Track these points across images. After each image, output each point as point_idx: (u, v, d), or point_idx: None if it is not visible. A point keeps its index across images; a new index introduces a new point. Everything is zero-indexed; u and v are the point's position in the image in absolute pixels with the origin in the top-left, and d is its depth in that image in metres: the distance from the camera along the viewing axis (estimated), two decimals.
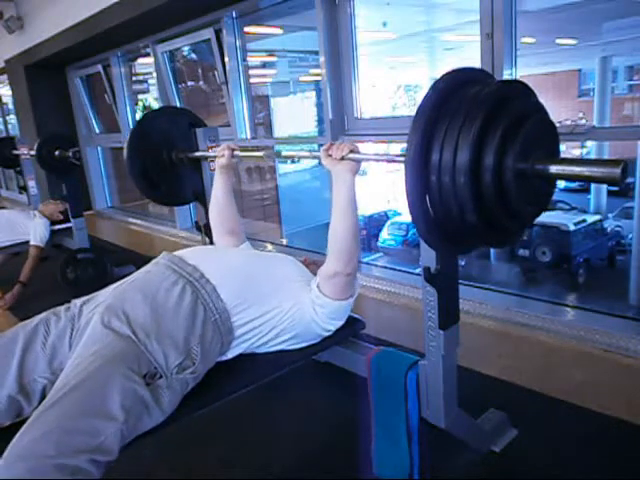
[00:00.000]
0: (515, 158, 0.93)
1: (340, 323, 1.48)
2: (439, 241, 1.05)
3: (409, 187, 0.96)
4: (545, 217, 6.87)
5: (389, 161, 1.32)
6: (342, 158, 1.34)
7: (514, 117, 0.95)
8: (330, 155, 1.36)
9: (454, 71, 1.01)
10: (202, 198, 2.25)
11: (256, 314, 1.38)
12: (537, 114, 1.02)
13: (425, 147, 0.95)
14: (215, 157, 1.86)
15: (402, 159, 0.96)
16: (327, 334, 1.48)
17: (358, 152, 1.35)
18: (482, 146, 0.93)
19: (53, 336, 1.27)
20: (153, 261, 1.46)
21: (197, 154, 2.12)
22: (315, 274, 1.54)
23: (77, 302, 1.37)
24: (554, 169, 0.95)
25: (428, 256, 1.24)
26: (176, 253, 1.49)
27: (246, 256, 1.56)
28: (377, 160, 1.40)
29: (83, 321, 1.29)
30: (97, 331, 1.21)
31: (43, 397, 1.18)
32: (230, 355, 1.41)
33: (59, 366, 1.23)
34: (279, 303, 1.40)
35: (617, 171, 0.87)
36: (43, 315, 1.33)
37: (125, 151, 2.11)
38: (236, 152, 1.81)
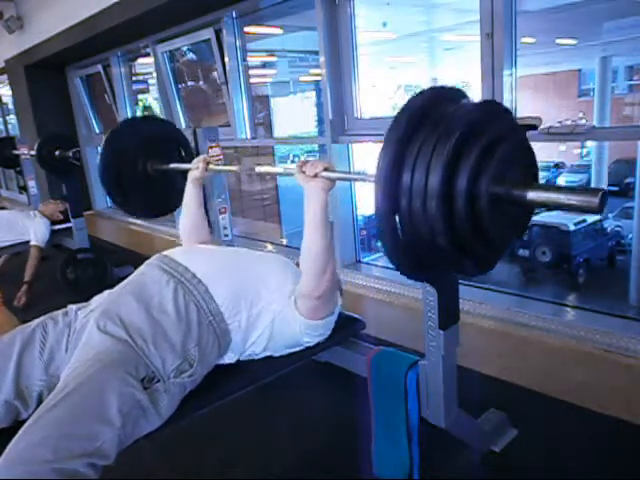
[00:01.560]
0: (490, 183, 0.89)
1: (320, 339, 1.46)
2: (408, 266, 0.99)
3: (378, 208, 0.91)
4: (545, 217, 6.88)
5: (361, 180, 1.31)
6: (315, 175, 1.31)
7: (490, 139, 0.90)
8: (304, 172, 1.34)
9: (430, 89, 0.97)
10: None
11: (248, 317, 1.37)
12: (514, 136, 0.97)
13: (396, 167, 0.90)
14: (198, 168, 1.82)
15: (373, 179, 0.92)
16: (309, 345, 1.46)
17: (333, 170, 1.33)
18: (455, 169, 0.88)
19: (50, 341, 1.26)
20: (146, 262, 1.45)
21: (172, 166, 2.07)
22: None
23: (73, 307, 1.37)
24: (531, 195, 0.90)
25: None
26: (167, 252, 1.47)
27: (238, 257, 1.54)
28: (349, 179, 1.37)
29: (78, 325, 1.28)
30: (94, 336, 1.21)
31: (40, 402, 1.17)
32: (228, 360, 1.40)
33: (56, 371, 1.22)
34: (268, 308, 1.38)
35: (595, 200, 0.82)
36: (40, 319, 1.33)
37: (99, 156, 2.06)
38: (210, 166, 1.81)
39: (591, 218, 7.52)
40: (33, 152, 3.57)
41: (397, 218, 0.93)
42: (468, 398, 1.45)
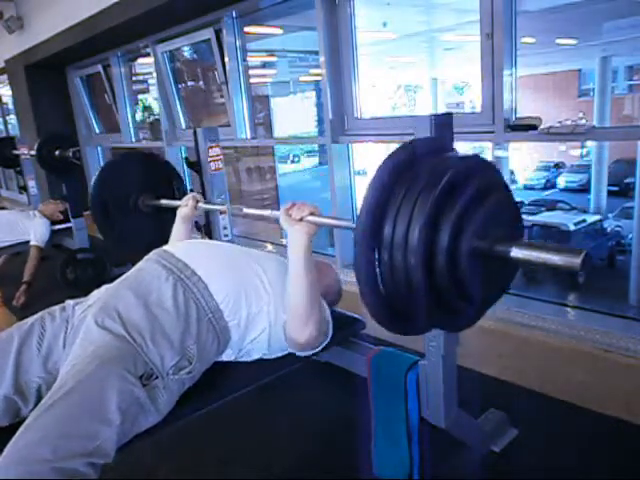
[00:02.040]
0: (472, 238, 0.87)
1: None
2: (388, 319, 0.97)
3: (358, 260, 0.90)
4: (545, 217, 6.88)
5: (346, 227, 1.29)
6: (301, 219, 1.31)
7: (474, 194, 0.89)
8: (289, 215, 1.33)
9: (416, 140, 0.97)
10: (202, 197, 2.25)
11: (247, 315, 1.37)
12: (498, 191, 0.95)
13: (377, 219, 0.88)
14: (179, 205, 1.87)
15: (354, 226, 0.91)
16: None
17: (318, 215, 1.32)
18: (437, 224, 0.86)
19: (48, 336, 1.27)
20: (145, 257, 1.45)
21: (163, 202, 2.09)
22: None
23: (71, 302, 1.37)
24: (515, 252, 0.89)
25: None
26: (166, 248, 1.47)
27: (237, 254, 1.53)
28: (335, 226, 1.37)
29: (76, 321, 1.28)
30: (92, 331, 1.21)
31: (39, 397, 1.18)
32: (225, 357, 1.40)
33: (54, 366, 1.23)
34: (268, 306, 1.38)
35: (577, 261, 0.82)
36: (38, 315, 1.33)
37: (91, 184, 2.12)
38: (199, 204, 1.83)
39: (591, 218, 7.53)
40: (33, 152, 3.57)
41: (377, 270, 0.91)
42: (468, 398, 1.45)
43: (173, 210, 1.91)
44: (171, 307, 1.27)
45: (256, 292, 1.39)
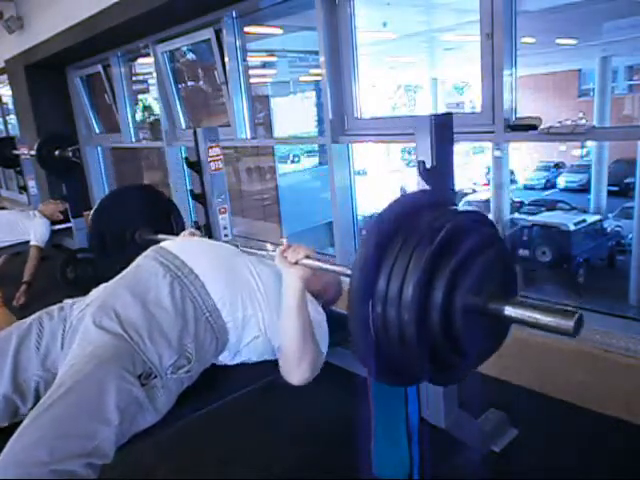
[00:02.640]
0: (466, 295, 0.87)
1: None
2: (381, 371, 0.97)
3: (352, 312, 0.89)
4: (545, 217, 6.88)
5: (340, 274, 1.28)
6: (296, 262, 1.30)
7: (468, 250, 0.88)
8: (285, 257, 1.32)
9: (413, 193, 0.97)
10: (202, 197, 2.25)
11: (243, 316, 1.36)
12: (493, 247, 0.95)
13: (372, 272, 0.89)
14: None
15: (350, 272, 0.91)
16: None
17: (314, 258, 1.31)
18: (431, 280, 0.86)
19: (46, 335, 1.26)
20: (143, 254, 1.44)
21: (160, 237, 2.06)
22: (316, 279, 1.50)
23: (69, 302, 1.36)
24: (508, 311, 0.89)
25: None
26: (164, 244, 1.46)
27: (233, 254, 1.52)
28: (329, 271, 1.35)
29: (74, 320, 1.28)
30: (90, 331, 1.20)
31: (37, 396, 1.18)
32: (223, 359, 1.40)
33: (52, 364, 1.23)
34: (264, 309, 1.38)
35: (570, 324, 0.83)
36: (36, 315, 1.32)
37: (91, 213, 2.12)
38: (196, 238, 1.78)
39: (591, 218, 7.52)
40: (33, 152, 3.58)
41: (371, 323, 0.91)
42: (468, 398, 1.45)
43: None
44: (168, 305, 1.27)
45: (251, 294, 1.38)
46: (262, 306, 1.38)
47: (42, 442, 0.95)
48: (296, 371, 1.32)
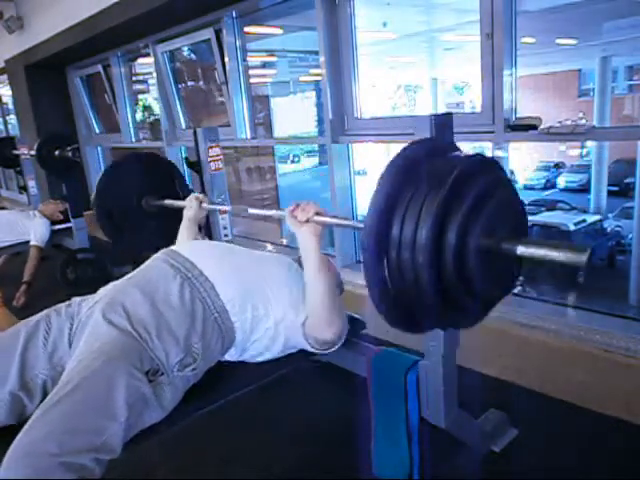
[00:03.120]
0: (479, 236, 0.89)
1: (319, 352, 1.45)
2: (395, 316, 0.99)
3: (366, 257, 0.91)
4: (545, 217, 6.88)
5: (352, 227, 1.30)
6: (307, 220, 1.31)
7: (479, 193, 0.90)
8: (295, 217, 1.33)
9: (421, 141, 0.98)
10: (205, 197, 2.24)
11: (252, 316, 1.37)
12: (504, 190, 0.97)
13: (386, 218, 0.90)
14: (184, 206, 1.86)
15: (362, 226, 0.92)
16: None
17: (323, 214, 1.32)
18: (445, 222, 0.88)
19: (54, 332, 1.27)
20: (152, 256, 1.46)
21: (166, 202, 2.09)
22: None
23: (77, 299, 1.37)
24: (521, 250, 0.90)
25: None
26: (174, 247, 1.49)
27: (244, 256, 1.54)
28: (341, 225, 1.37)
29: (83, 317, 1.29)
30: (99, 327, 1.22)
31: (45, 393, 1.18)
32: (229, 357, 1.41)
33: (59, 362, 1.23)
34: (273, 311, 1.38)
35: (583, 258, 0.84)
36: (44, 312, 1.34)
37: (94, 193, 2.10)
38: (203, 205, 1.82)
39: (591, 218, 7.52)
40: (33, 152, 3.57)
41: (386, 268, 0.92)
42: (468, 398, 1.45)
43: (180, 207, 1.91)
44: (177, 304, 1.29)
45: (261, 294, 1.39)
46: (273, 304, 1.38)
47: (51, 436, 0.96)
48: (330, 327, 1.33)
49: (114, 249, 2.23)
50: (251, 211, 1.71)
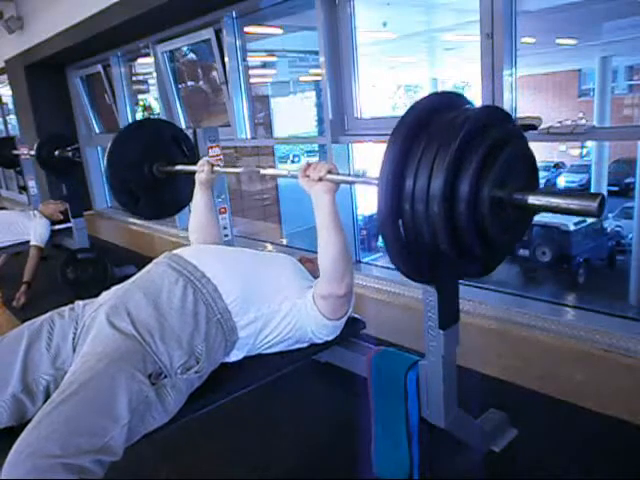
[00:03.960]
0: (492, 187, 0.90)
1: (331, 337, 1.48)
2: (411, 268, 1.01)
3: (381, 211, 0.93)
4: (545, 217, 6.85)
5: (365, 183, 1.30)
6: (320, 179, 1.32)
7: (491, 144, 0.92)
8: (308, 176, 1.34)
9: (432, 95, 0.99)
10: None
11: (257, 315, 1.39)
12: (515, 142, 0.98)
13: (399, 171, 0.92)
14: (195, 170, 1.84)
15: (376, 182, 0.95)
16: (317, 342, 1.48)
17: (336, 172, 1.33)
18: (457, 174, 0.90)
19: (57, 335, 1.28)
20: (155, 260, 1.47)
21: (177, 167, 2.08)
22: (312, 272, 1.54)
23: (80, 303, 1.38)
24: (532, 200, 0.92)
25: None
26: (176, 251, 1.49)
27: (247, 256, 1.56)
28: (353, 182, 1.37)
29: (87, 321, 1.29)
30: (102, 331, 1.22)
31: (47, 396, 1.18)
32: (234, 357, 1.41)
33: (62, 365, 1.23)
34: (278, 306, 1.41)
35: (594, 205, 0.85)
36: (48, 315, 1.34)
37: (105, 165, 2.06)
38: (215, 168, 1.81)
39: (591, 218, 7.50)
40: (33, 152, 3.57)
41: (400, 221, 0.95)
42: (468, 398, 1.45)
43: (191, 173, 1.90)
44: (180, 307, 1.29)
45: (265, 293, 1.41)
46: (278, 300, 1.40)
47: (54, 437, 0.96)
48: (342, 281, 1.35)
49: (135, 214, 2.22)
50: (263, 172, 1.72)
